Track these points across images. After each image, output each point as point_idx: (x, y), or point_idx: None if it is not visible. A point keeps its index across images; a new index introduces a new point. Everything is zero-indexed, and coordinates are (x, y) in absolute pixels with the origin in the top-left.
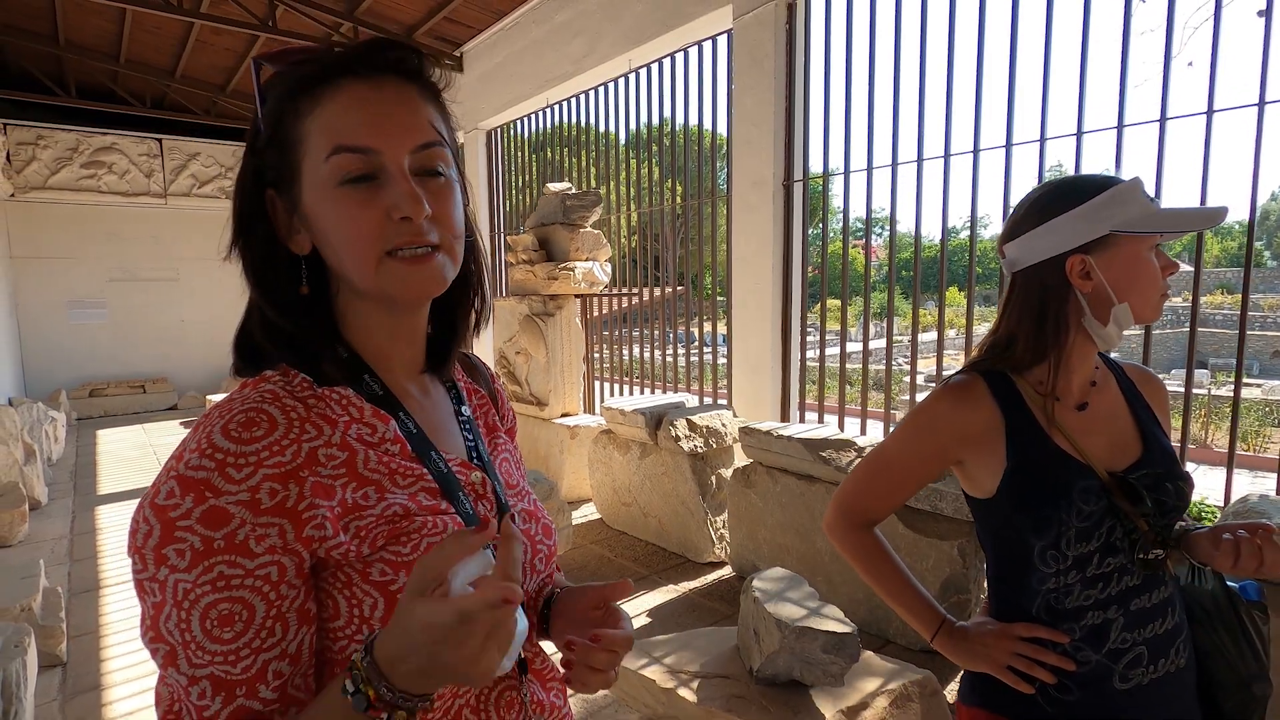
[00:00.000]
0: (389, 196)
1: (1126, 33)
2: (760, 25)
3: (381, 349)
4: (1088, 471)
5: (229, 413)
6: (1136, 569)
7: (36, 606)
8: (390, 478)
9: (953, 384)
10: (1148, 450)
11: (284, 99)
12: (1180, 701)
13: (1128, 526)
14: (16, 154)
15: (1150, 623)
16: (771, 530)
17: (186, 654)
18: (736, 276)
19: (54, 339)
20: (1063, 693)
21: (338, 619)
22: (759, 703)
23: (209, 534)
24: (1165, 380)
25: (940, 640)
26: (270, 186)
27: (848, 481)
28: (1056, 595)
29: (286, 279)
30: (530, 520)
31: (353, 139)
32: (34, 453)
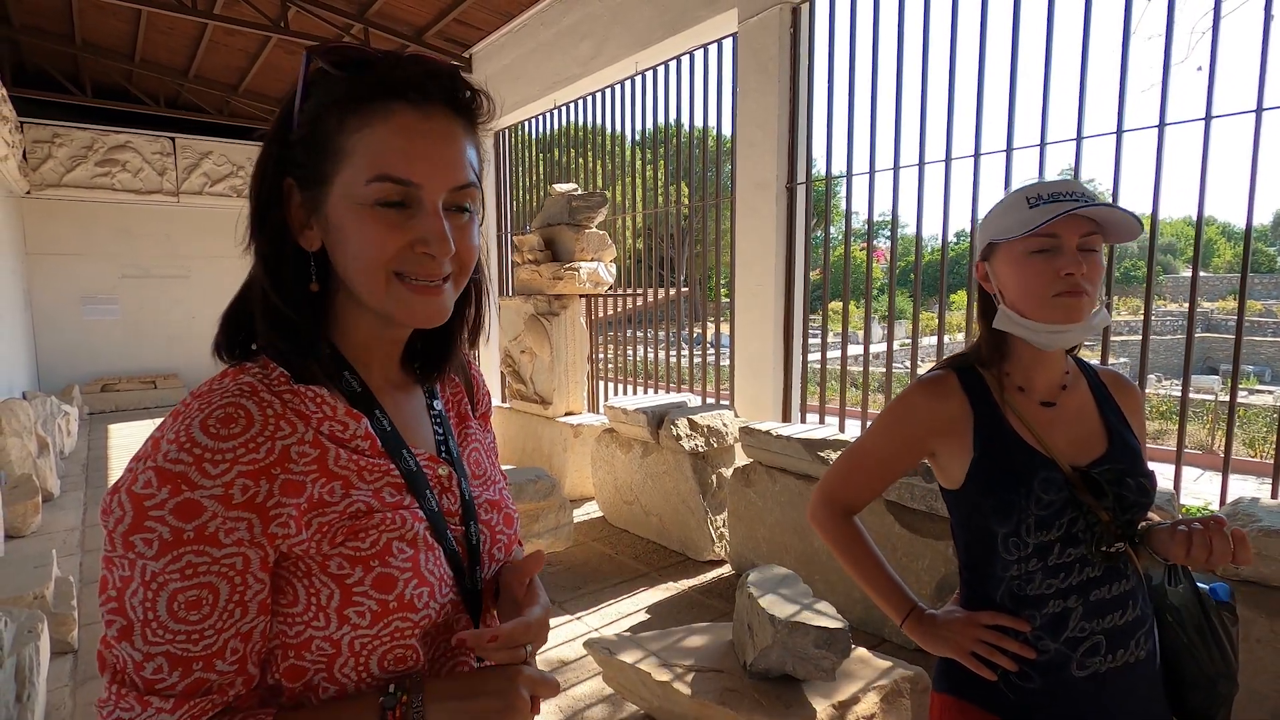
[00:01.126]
0: (419, 229)
1: (1126, 38)
2: (764, 29)
3: (366, 348)
4: (1050, 464)
5: (208, 406)
6: (1097, 561)
7: (49, 595)
8: (358, 474)
9: (926, 378)
10: (1112, 447)
11: (332, 105)
12: (1140, 692)
13: (1090, 519)
14: (33, 151)
15: (1110, 613)
16: (770, 529)
17: (145, 631)
18: (739, 278)
19: (67, 334)
20: (1024, 680)
21: (295, 605)
22: (751, 696)
23: (179, 525)
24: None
25: (909, 625)
26: (291, 177)
27: (829, 472)
28: (1019, 583)
29: (292, 271)
30: (493, 510)
31: (398, 170)
32: (47, 446)
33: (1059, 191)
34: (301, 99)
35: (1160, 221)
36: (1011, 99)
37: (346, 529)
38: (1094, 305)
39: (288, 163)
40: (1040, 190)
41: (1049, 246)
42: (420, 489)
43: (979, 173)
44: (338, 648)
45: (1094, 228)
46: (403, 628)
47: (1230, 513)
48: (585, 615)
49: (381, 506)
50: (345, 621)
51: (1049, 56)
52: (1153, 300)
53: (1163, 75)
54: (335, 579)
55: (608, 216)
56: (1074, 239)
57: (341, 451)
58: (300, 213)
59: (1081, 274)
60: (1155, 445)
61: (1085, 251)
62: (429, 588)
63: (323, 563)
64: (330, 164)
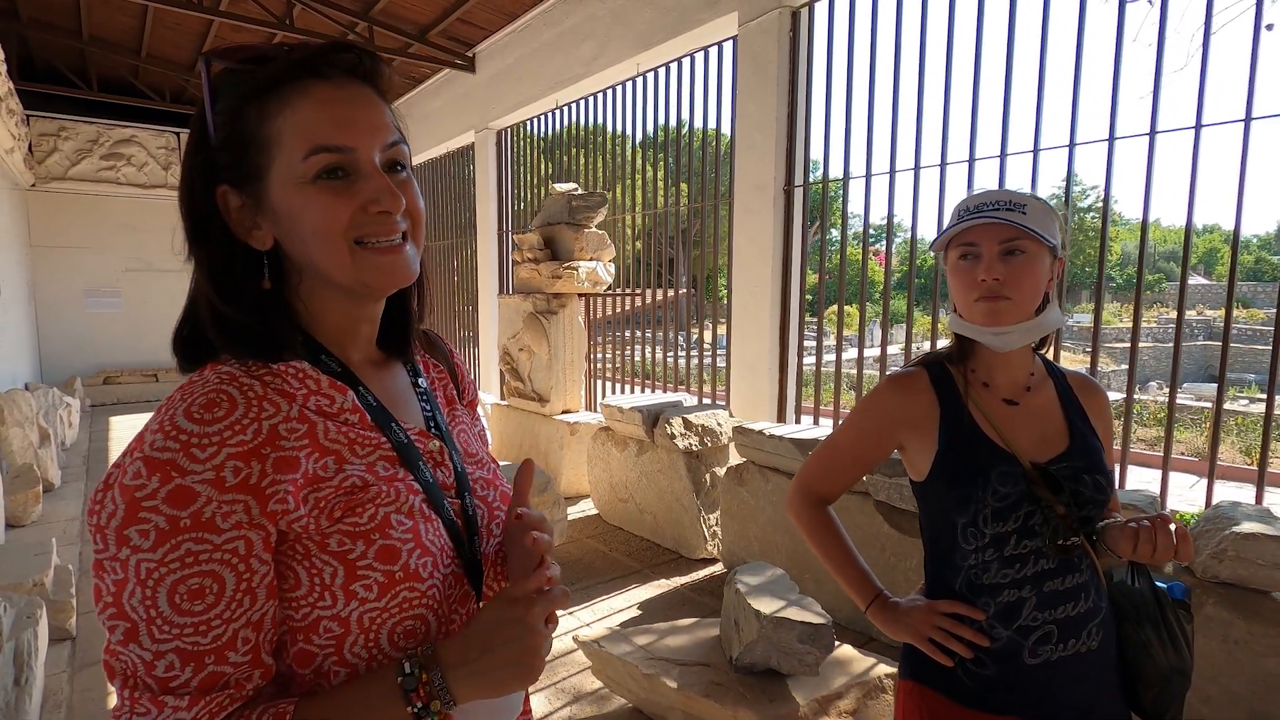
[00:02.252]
0: (366, 192)
1: (1119, 46)
2: (764, 33)
3: (341, 334)
4: (1010, 458)
5: (190, 396)
6: (1052, 553)
7: (48, 582)
8: (350, 448)
9: (897, 374)
10: (1073, 446)
11: (245, 98)
12: (1091, 681)
13: (1047, 513)
14: (39, 145)
15: (1062, 605)
16: (762, 528)
17: (150, 630)
18: (736, 279)
19: (70, 327)
20: (979, 666)
21: (299, 589)
22: (736, 690)
23: (175, 513)
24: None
25: (873, 611)
26: (224, 184)
27: (805, 464)
28: (976, 571)
29: (242, 275)
30: (489, 488)
31: (330, 139)
32: (48, 437)
33: (984, 202)
34: (211, 103)
35: (1164, 229)
36: (1006, 105)
37: (344, 504)
38: (1026, 307)
39: (215, 170)
40: (969, 201)
41: (970, 253)
42: (413, 461)
43: (974, 178)
44: (346, 626)
45: (1018, 233)
46: (410, 598)
47: (1210, 515)
48: (578, 610)
49: (376, 480)
50: (353, 597)
51: (1043, 63)
52: (1144, 307)
53: (1154, 83)
54: (337, 556)
55: (608, 216)
56: (993, 246)
57: (330, 424)
58: (243, 215)
59: (996, 279)
60: (1151, 452)
61: (1009, 255)
62: (431, 557)
63: (321, 541)
64: (261, 156)
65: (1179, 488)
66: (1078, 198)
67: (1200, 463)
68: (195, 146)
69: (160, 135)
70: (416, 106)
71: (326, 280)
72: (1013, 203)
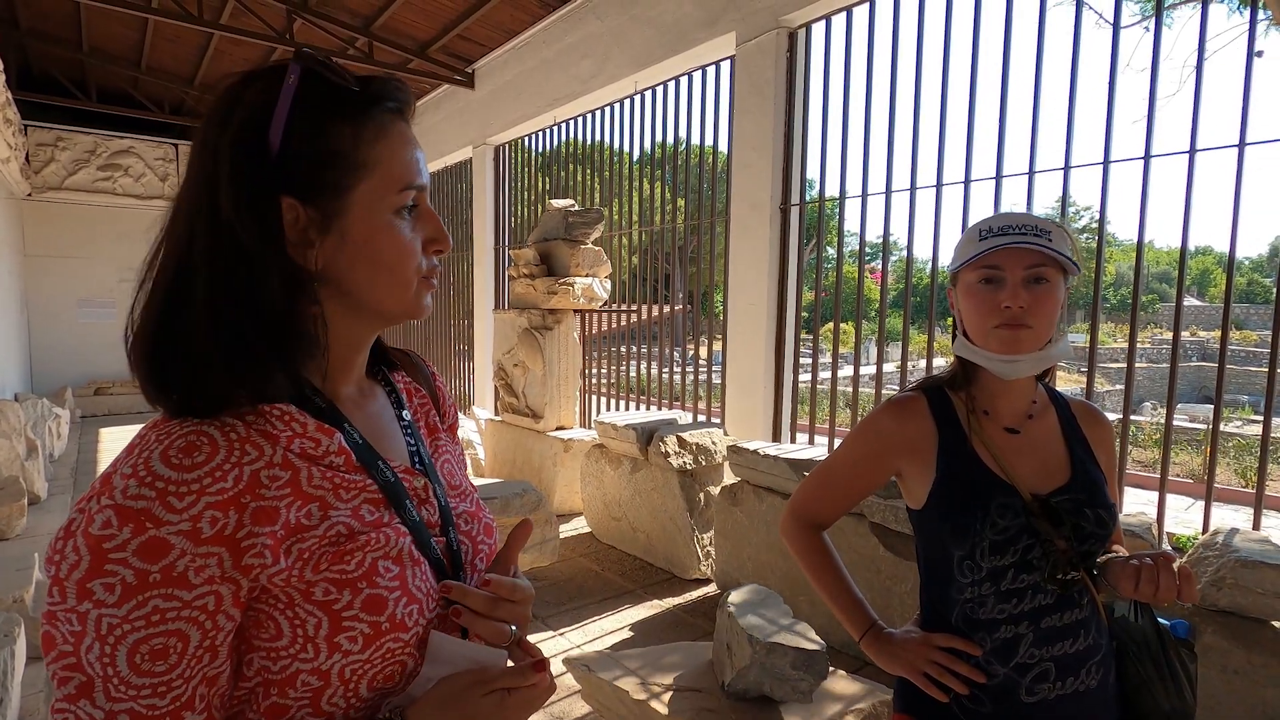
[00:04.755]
0: (427, 230)
1: (1114, 71)
2: (761, 52)
3: (338, 363)
4: (1009, 489)
5: (167, 436)
6: (1051, 588)
7: (29, 599)
8: (334, 493)
9: (896, 399)
10: (1074, 478)
11: (341, 117)
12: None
13: (1046, 547)
14: (36, 154)
15: (1060, 641)
16: (756, 549)
17: (106, 687)
18: (732, 297)
19: (62, 336)
20: (975, 703)
21: (279, 639)
22: (728, 717)
23: (144, 567)
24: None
25: (867, 642)
26: (290, 195)
27: (799, 487)
28: (972, 606)
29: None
30: (472, 521)
31: (418, 178)
32: (36, 448)
33: (1008, 225)
34: (290, 111)
35: (1158, 250)
36: (1001, 127)
37: (331, 554)
38: (1043, 336)
39: (279, 179)
40: (992, 223)
41: (993, 278)
42: (400, 500)
43: (969, 199)
44: (326, 679)
45: (1042, 259)
46: (394, 648)
47: (1208, 542)
48: (568, 631)
49: (363, 526)
50: (336, 649)
51: (1038, 86)
52: (1138, 328)
53: (1149, 107)
54: (322, 606)
55: (604, 233)
56: (1018, 271)
57: (315, 470)
58: (304, 230)
59: (1020, 306)
60: (1146, 474)
61: (1033, 283)
62: (418, 604)
63: (306, 591)
64: (350, 176)
65: (1174, 509)
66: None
67: (1196, 484)
68: (249, 152)
69: (158, 146)
70: (415, 121)
71: (372, 308)
72: (1039, 229)
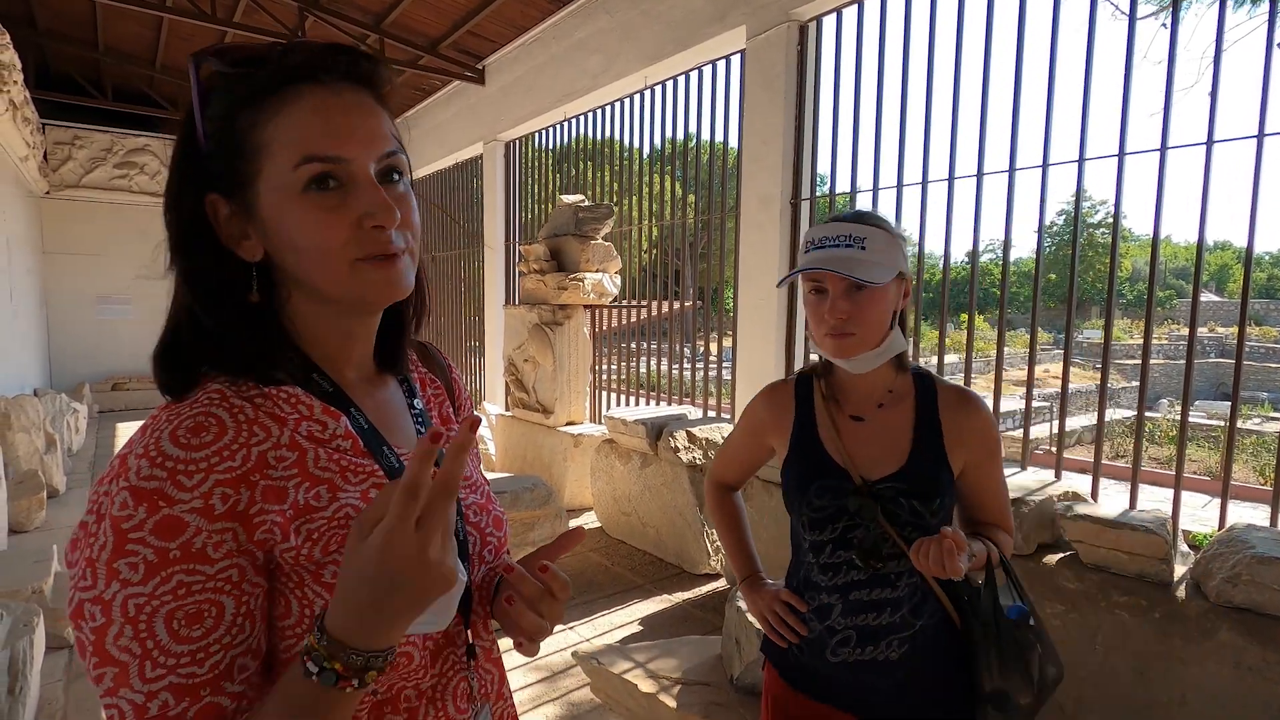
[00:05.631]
0: (360, 204)
1: (1130, 62)
2: (772, 46)
3: (334, 350)
4: (840, 472)
5: (177, 418)
6: (862, 567)
7: (48, 590)
8: (342, 475)
9: (770, 384)
10: (906, 468)
11: (237, 103)
12: (889, 688)
13: (867, 529)
14: (53, 153)
15: (865, 614)
16: (765, 544)
17: (141, 668)
18: (743, 292)
19: (80, 333)
20: (799, 653)
21: (288, 618)
22: (737, 711)
23: (163, 545)
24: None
25: (743, 587)
26: (213, 191)
27: (716, 455)
28: (808, 570)
29: (228, 287)
30: (481, 513)
31: (322, 148)
32: (55, 442)
33: (826, 237)
34: (201, 107)
35: (1174, 245)
36: (1014, 119)
37: (339, 536)
38: (872, 338)
39: (203, 177)
40: (815, 234)
41: (820, 289)
42: None
43: (981, 192)
44: None
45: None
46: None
47: (1224, 538)
48: (578, 625)
49: None
50: None
51: (1052, 77)
52: (1156, 324)
53: (1165, 99)
54: (329, 588)
55: (614, 228)
56: (839, 283)
57: (322, 452)
58: (233, 224)
59: (840, 317)
60: (1162, 470)
61: (855, 291)
62: None
63: (315, 572)
64: (251, 163)
65: (1191, 507)
66: (1087, 214)
67: (1213, 482)
68: (183, 152)
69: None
70: (426, 117)
71: (319, 294)
72: (854, 237)
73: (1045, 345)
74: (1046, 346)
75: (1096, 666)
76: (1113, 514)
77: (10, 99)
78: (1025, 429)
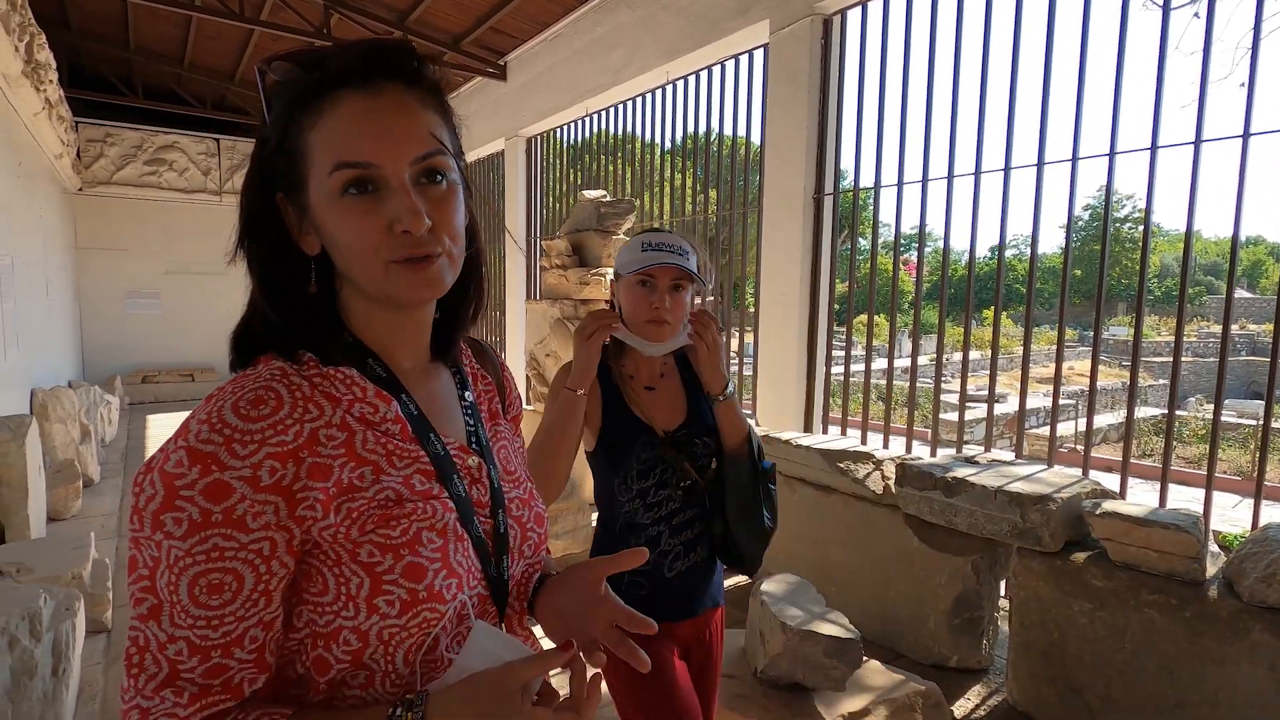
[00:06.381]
0: (390, 209)
1: (1163, 54)
2: (795, 40)
3: (386, 340)
4: (649, 430)
5: (240, 390)
6: (678, 495)
7: (86, 576)
8: (387, 459)
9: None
10: (690, 417)
11: (287, 110)
12: (704, 581)
13: (675, 466)
14: (86, 150)
15: (684, 531)
16: (786, 539)
17: (172, 613)
18: (764, 287)
19: (111, 326)
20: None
21: (326, 594)
22: (761, 703)
23: (209, 506)
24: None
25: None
26: (280, 191)
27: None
28: (630, 514)
29: (294, 277)
30: (524, 507)
31: (352, 154)
32: (89, 433)
33: (663, 243)
34: (267, 111)
35: (1205, 240)
36: (1044, 113)
37: (377, 517)
38: (677, 328)
39: (273, 176)
40: (651, 239)
41: (648, 282)
42: (448, 474)
43: (1009, 187)
44: (365, 639)
45: (682, 274)
46: (431, 618)
47: (1258, 537)
48: None
49: (412, 495)
50: (375, 611)
51: (1083, 70)
52: (1187, 321)
53: (1200, 91)
54: (365, 567)
55: (635, 223)
56: (666, 280)
57: (370, 434)
58: (296, 220)
59: (666, 309)
60: (1191, 470)
61: (675, 290)
62: (457, 579)
63: (353, 550)
64: (301, 166)
65: (1219, 507)
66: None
67: (1243, 482)
68: (257, 153)
69: (200, 141)
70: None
71: (363, 291)
72: (681, 248)
73: (1070, 342)
74: (1070, 343)
75: (1123, 665)
76: (1143, 511)
77: (46, 98)
78: (1052, 426)
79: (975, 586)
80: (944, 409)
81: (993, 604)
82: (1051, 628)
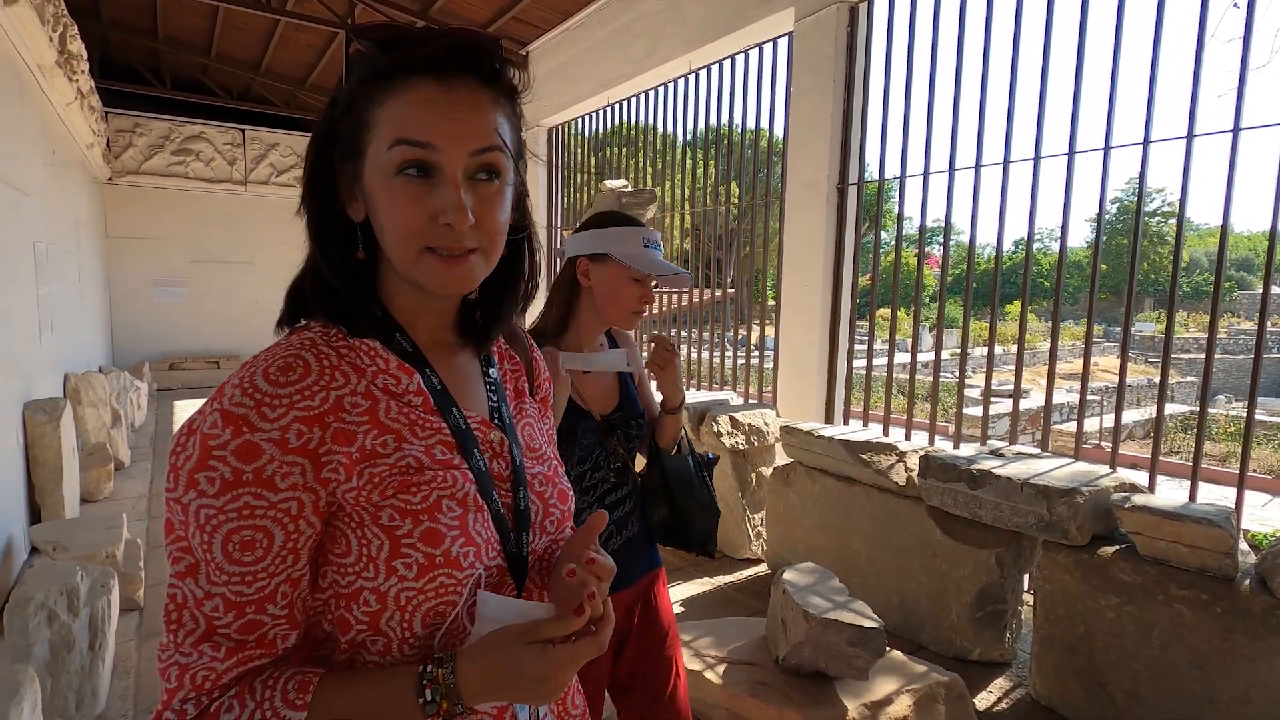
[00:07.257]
0: (438, 199)
1: (1201, 40)
2: (820, 28)
3: (415, 313)
4: (588, 415)
5: (271, 358)
6: (612, 476)
7: (119, 555)
8: (410, 429)
9: None
10: (621, 401)
11: (362, 81)
12: (636, 556)
13: (608, 448)
14: (116, 140)
15: (617, 509)
16: (807, 530)
17: (208, 571)
18: (786, 279)
19: (140, 314)
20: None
21: (348, 556)
22: (782, 691)
23: (240, 466)
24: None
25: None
26: (338, 154)
27: None
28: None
29: (340, 240)
30: (547, 484)
31: (414, 133)
32: (120, 418)
33: (658, 241)
34: (345, 77)
35: (1236, 234)
36: (1075, 101)
37: (398, 483)
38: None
39: (337, 138)
40: (648, 236)
41: (642, 279)
42: (468, 447)
43: (1038, 176)
44: (384, 601)
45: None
46: (448, 584)
47: None
48: None
49: (433, 464)
50: (393, 573)
51: (1116, 57)
52: (1219, 317)
53: (1240, 79)
54: (386, 530)
55: (656, 214)
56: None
57: (393, 404)
58: (347, 185)
59: (650, 303)
60: (1221, 468)
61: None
62: (475, 548)
63: (374, 514)
64: (363, 137)
65: (1250, 505)
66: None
67: (1274, 481)
68: (328, 111)
69: (226, 132)
70: None
71: (395, 268)
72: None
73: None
74: (1096, 339)
75: (1151, 660)
76: (1174, 506)
77: (78, 88)
78: (1079, 421)
79: (999, 579)
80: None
81: (1016, 597)
82: (1077, 621)
